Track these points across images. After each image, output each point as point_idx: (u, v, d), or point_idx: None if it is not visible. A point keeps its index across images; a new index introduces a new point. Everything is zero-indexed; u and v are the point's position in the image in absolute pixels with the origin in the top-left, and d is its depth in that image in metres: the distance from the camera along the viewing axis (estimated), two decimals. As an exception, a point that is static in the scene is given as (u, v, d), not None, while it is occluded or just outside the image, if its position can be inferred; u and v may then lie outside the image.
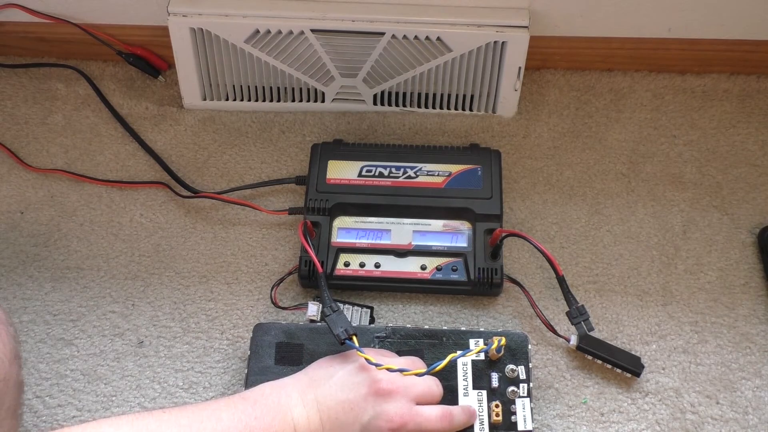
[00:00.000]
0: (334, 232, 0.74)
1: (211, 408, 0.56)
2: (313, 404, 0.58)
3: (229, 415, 0.56)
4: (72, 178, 0.82)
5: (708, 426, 0.67)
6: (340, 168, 0.77)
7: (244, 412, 0.56)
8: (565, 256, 0.76)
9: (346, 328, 0.62)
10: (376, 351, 0.65)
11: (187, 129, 0.85)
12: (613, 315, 0.73)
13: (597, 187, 0.81)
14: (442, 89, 0.84)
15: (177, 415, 0.55)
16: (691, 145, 0.83)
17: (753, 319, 0.73)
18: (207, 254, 0.77)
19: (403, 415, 0.58)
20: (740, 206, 0.79)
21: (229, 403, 0.57)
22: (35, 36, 0.88)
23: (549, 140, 0.84)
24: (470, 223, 0.75)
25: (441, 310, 0.73)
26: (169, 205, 0.80)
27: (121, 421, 0.53)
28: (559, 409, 0.68)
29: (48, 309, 0.74)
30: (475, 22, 0.78)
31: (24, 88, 0.88)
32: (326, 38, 0.79)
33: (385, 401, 0.58)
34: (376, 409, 0.58)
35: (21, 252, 0.77)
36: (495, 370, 0.66)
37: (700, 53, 0.86)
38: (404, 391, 0.59)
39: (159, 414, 0.54)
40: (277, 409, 0.58)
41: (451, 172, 0.77)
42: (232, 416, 0.56)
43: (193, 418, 0.55)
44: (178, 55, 0.82)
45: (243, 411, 0.57)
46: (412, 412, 0.59)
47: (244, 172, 0.82)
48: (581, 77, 0.88)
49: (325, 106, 0.86)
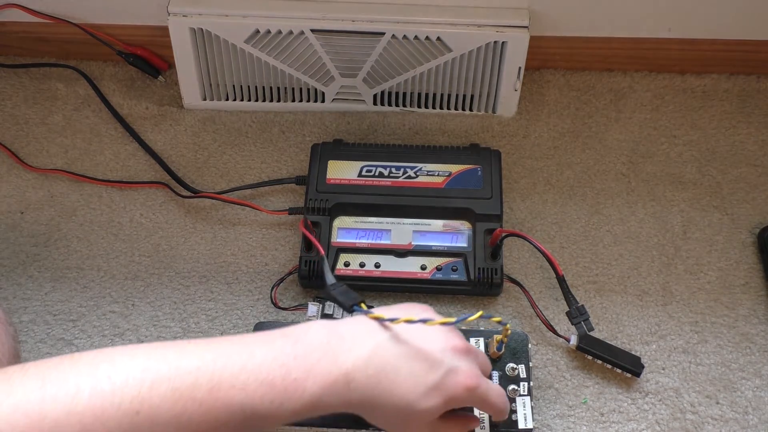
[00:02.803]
0: (334, 232, 0.74)
1: (243, 342, 0.49)
2: (374, 348, 0.50)
3: (263, 352, 0.48)
4: (72, 178, 0.82)
5: (708, 426, 0.67)
6: (340, 168, 0.77)
7: (282, 350, 0.48)
8: (565, 256, 0.76)
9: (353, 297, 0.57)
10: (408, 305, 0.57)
11: (187, 129, 0.85)
12: (613, 315, 0.73)
13: (597, 187, 0.81)
14: (442, 89, 0.84)
15: (202, 347, 0.47)
16: (691, 145, 0.83)
17: (753, 319, 0.73)
18: (207, 254, 0.77)
19: (477, 376, 0.52)
20: (740, 206, 0.79)
21: (266, 338, 0.49)
22: (35, 36, 0.88)
23: (549, 140, 0.84)
24: (470, 223, 0.75)
25: (441, 310, 0.73)
26: (169, 205, 0.80)
27: (137, 350, 0.46)
28: (559, 409, 0.68)
29: (48, 309, 0.74)
30: (475, 22, 0.78)
31: (24, 88, 0.88)
32: (326, 38, 0.79)
33: (461, 359, 0.52)
34: (453, 363, 0.51)
35: (21, 252, 0.77)
36: (495, 368, 0.66)
37: (700, 53, 0.86)
38: (474, 355, 0.54)
39: (182, 344, 0.47)
40: (324, 350, 0.49)
41: (451, 172, 0.77)
42: (268, 353, 0.48)
43: (220, 353, 0.47)
44: (178, 55, 0.82)
45: (281, 348, 0.48)
46: (483, 378, 0.53)
47: (244, 172, 0.82)
48: (581, 77, 0.88)
49: (325, 106, 0.86)
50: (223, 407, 0.46)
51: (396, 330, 0.51)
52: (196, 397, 0.45)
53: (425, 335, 0.52)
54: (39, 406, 0.42)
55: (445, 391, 0.51)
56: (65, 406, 0.42)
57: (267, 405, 0.47)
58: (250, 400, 0.46)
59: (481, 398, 0.53)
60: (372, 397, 0.49)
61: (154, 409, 0.44)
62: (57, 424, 0.42)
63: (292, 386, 0.47)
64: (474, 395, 0.52)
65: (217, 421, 0.46)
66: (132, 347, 0.47)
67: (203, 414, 0.45)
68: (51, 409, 0.42)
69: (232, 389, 0.46)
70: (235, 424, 0.46)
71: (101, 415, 0.43)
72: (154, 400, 0.44)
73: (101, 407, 0.43)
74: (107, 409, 0.43)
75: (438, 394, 0.51)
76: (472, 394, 0.52)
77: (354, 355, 0.49)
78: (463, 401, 0.52)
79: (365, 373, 0.49)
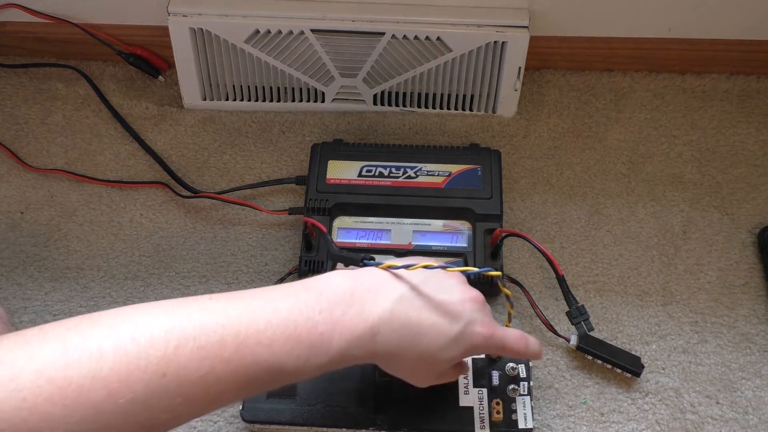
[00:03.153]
0: (334, 232, 0.74)
1: (265, 297, 0.47)
2: (398, 300, 0.50)
3: (288, 306, 0.47)
4: (72, 178, 0.82)
5: (708, 426, 0.67)
6: (340, 168, 0.77)
7: (307, 304, 0.47)
8: (565, 256, 0.76)
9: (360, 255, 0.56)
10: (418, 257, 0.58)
11: (187, 129, 0.85)
12: (613, 315, 0.73)
13: (597, 187, 0.81)
14: (442, 89, 0.84)
15: (225, 303, 0.46)
16: (691, 145, 0.83)
17: (753, 319, 0.73)
18: (207, 254, 0.77)
19: (494, 324, 0.54)
20: (740, 206, 0.79)
21: (289, 292, 0.48)
22: (35, 36, 0.88)
23: (549, 140, 0.84)
24: (470, 223, 0.75)
25: (441, 310, 0.73)
26: (169, 205, 0.80)
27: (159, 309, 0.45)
28: (559, 409, 0.68)
29: (48, 309, 0.74)
30: (475, 22, 0.78)
31: (24, 88, 0.88)
32: (326, 38, 0.79)
33: (478, 310, 0.54)
34: (473, 315, 0.53)
35: (21, 252, 0.77)
36: (495, 368, 0.66)
37: (700, 53, 0.86)
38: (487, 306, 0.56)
39: (204, 301, 0.46)
40: (350, 302, 0.48)
41: (451, 172, 0.77)
42: (292, 307, 0.47)
43: (244, 308, 0.46)
44: (178, 55, 0.82)
45: (306, 302, 0.47)
46: (497, 325, 0.55)
47: (244, 172, 0.82)
48: (581, 77, 0.88)
49: (325, 106, 0.86)
50: (251, 364, 0.45)
51: (416, 282, 0.52)
52: (223, 356, 0.44)
53: (444, 287, 0.53)
54: (63, 372, 0.40)
55: (466, 342, 0.52)
56: (90, 371, 0.41)
57: (294, 360, 0.46)
58: (277, 356, 0.45)
59: (499, 344, 0.55)
60: (397, 348, 0.50)
61: (181, 369, 0.43)
62: (82, 389, 0.40)
63: (318, 340, 0.46)
64: (493, 342, 0.54)
65: (244, 379, 0.45)
66: (153, 305, 0.45)
67: (231, 372, 0.44)
68: (76, 374, 0.40)
69: (258, 346, 0.45)
70: (262, 380, 0.46)
71: (127, 379, 0.41)
72: (180, 360, 0.43)
73: (127, 371, 0.41)
74: (133, 372, 0.41)
75: (459, 345, 0.52)
76: (489, 342, 0.53)
77: (380, 307, 0.49)
78: (482, 349, 0.54)
79: (390, 326, 0.49)
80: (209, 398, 0.44)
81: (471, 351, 0.53)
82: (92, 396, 0.40)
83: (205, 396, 0.44)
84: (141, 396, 0.41)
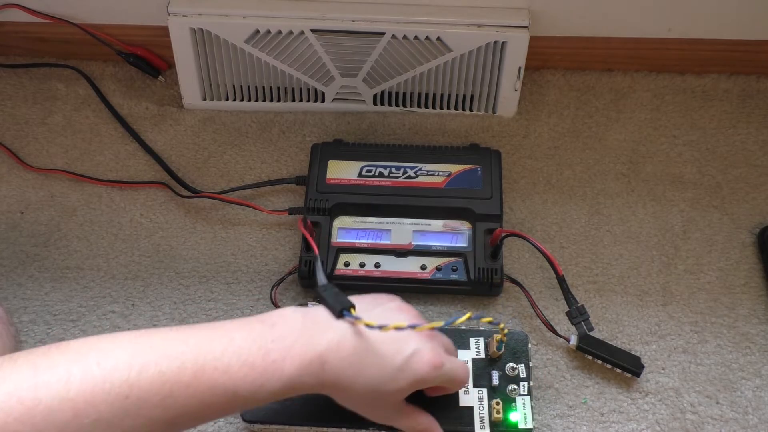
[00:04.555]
0: (334, 232, 0.74)
1: (223, 328, 0.51)
2: (345, 331, 0.52)
3: (242, 336, 0.50)
4: (72, 178, 0.82)
5: (708, 426, 0.67)
6: (340, 168, 0.77)
7: (260, 334, 0.51)
8: (565, 256, 0.76)
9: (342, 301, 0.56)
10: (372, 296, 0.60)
11: (187, 129, 0.85)
12: (613, 315, 0.73)
13: (597, 187, 0.81)
14: (442, 89, 0.84)
15: (185, 333, 0.50)
16: (691, 145, 0.83)
17: (753, 319, 0.73)
18: (207, 254, 0.77)
19: (441, 355, 0.56)
20: (740, 206, 0.79)
21: (244, 324, 0.52)
22: (35, 36, 0.88)
23: (549, 140, 0.84)
24: (470, 223, 0.75)
25: (441, 310, 0.73)
26: (169, 205, 0.80)
27: (123, 338, 0.48)
28: (559, 409, 0.68)
29: (48, 309, 0.74)
30: (475, 22, 0.78)
31: (24, 88, 0.88)
32: (326, 38, 0.79)
33: (426, 341, 0.55)
34: (419, 345, 0.54)
35: (21, 252, 0.77)
36: (495, 368, 0.66)
37: (700, 53, 0.86)
38: (439, 336, 0.59)
39: (165, 331, 0.50)
40: (300, 333, 0.51)
41: (451, 172, 0.77)
42: (246, 337, 0.50)
43: (202, 337, 0.50)
44: (178, 55, 0.82)
45: (260, 333, 0.51)
46: (448, 357, 0.57)
47: (244, 172, 0.82)
48: (581, 77, 0.88)
49: (325, 106, 0.86)
50: (208, 389, 0.48)
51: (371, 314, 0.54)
52: (182, 381, 0.47)
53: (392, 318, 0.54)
54: (33, 393, 0.43)
55: (411, 372, 0.54)
56: (58, 392, 0.44)
57: (248, 386, 0.49)
58: (233, 381, 0.48)
59: (447, 376, 0.56)
60: (345, 377, 0.52)
61: (143, 392, 0.46)
62: (50, 410, 0.43)
63: (271, 367, 0.50)
64: (440, 374, 0.55)
65: (202, 403, 0.48)
66: (118, 335, 0.49)
67: (189, 396, 0.47)
68: (44, 395, 0.43)
69: (215, 371, 0.48)
70: (219, 405, 0.49)
71: (92, 400, 0.44)
72: (142, 384, 0.46)
73: (92, 392, 0.45)
74: (98, 394, 0.45)
75: (405, 375, 0.53)
76: (437, 374, 0.55)
77: (327, 338, 0.52)
78: (430, 381, 0.55)
79: (338, 356, 0.51)
80: (168, 420, 0.47)
81: (419, 383, 0.55)
82: (60, 416, 0.43)
83: (164, 418, 0.47)
84: (105, 416, 0.45)
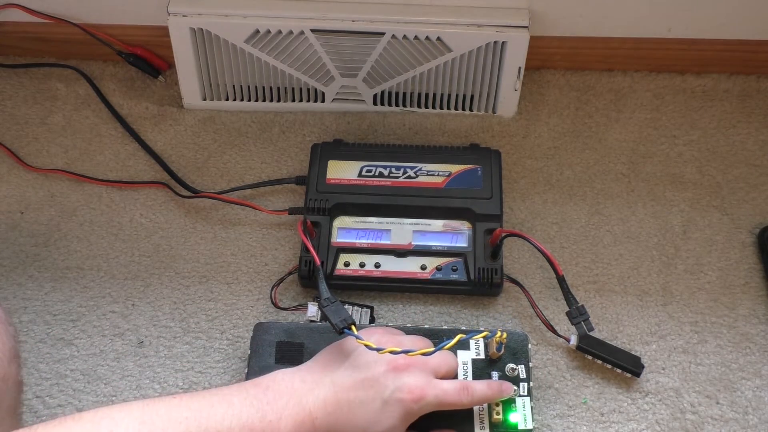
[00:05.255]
0: (334, 232, 0.74)
1: (222, 393, 0.56)
2: (329, 386, 0.58)
3: (240, 400, 0.55)
4: (72, 178, 0.82)
5: (708, 426, 0.67)
6: (340, 168, 0.77)
7: (256, 397, 0.56)
8: (565, 256, 0.76)
9: (344, 317, 0.61)
10: (384, 329, 0.65)
11: (187, 129, 0.85)
12: (613, 315, 0.73)
13: (597, 187, 0.81)
14: (442, 89, 0.84)
15: (187, 400, 0.54)
16: (691, 145, 0.83)
17: (753, 319, 0.73)
18: (207, 254, 0.77)
19: (422, 386, 0.58)
20: (740, 206, 0.79)
21: (241, 388, 0.57)
22: (35, 36, 0.88)
23: (549, 140, 0.84)
24: (470, 223, 0.75)
25: (441, 310, 0.73)
26: (169, 205, 0.80)
27: (132, 407, 0.52)
28: (559, 409, 0.68)
29: (48, 309, 0.74)
30: (475, 22, 0.78)
31: (24, 88, 0.88)
32: (326, 38, 0.79)
33: (404, 375, 0.58)
34: (396, 383, 0.58)
35: (21, 252, 0.77)
36: (495, 369, 0.66)
37: (700, 53, 0.86)
38: (422, 365, 0.60)
39: (169, 400, 0.54)
40: (290, 393, 0.57)
41: (451, 172, 0.77)
42: (244, 401, 0.55)
43: (204, 403, 0.54)
44: (178, 55, 0.82)
45: (255, 396, 0.56)
46: (431, 384, 0.59)
47: (244, 172, 0.82)
48: (581, 77, 0.88)
49: (325, 106, 0.86)
50: None
51: (347, 363, 0.59)
52: None
53: (369, 362, 0.59)
54: None
55: (396, 409, 0.57)
56: None
57: None
58: None
59: (436, 402, 0.58)
60: (335, 429, 0.57)
61: None
62: None
63: (268, 427, 0.55)
64: (426, 403, 0.58)
65: None
66: (127, 404, 0.52)
67: None
68: None
69: None
70: None
71: None
72: None
73: None
74: None
75: (391, 414, 0.57)
76: (423, 404, 0.58)
77: (314, 396, 0.57)
78: (418, 411, 0.58)
79: (325, 410, 0.57)
80: None
81: (409, 417, 0.58)
82: None
83: None
84: None
